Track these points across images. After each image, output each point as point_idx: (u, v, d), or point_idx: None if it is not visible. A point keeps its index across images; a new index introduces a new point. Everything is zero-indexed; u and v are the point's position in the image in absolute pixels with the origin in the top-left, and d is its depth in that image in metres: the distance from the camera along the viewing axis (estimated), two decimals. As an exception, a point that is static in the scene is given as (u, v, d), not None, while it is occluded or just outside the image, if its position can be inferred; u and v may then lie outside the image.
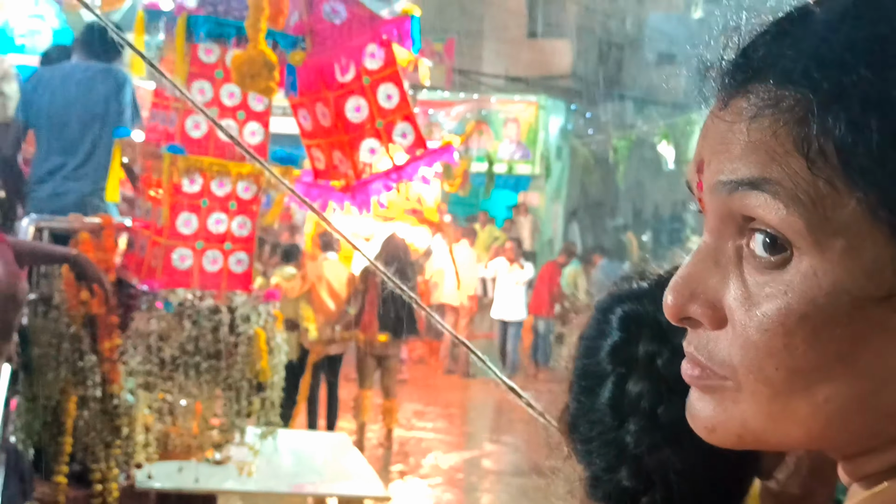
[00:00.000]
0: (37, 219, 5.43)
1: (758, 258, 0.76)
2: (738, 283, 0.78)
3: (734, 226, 0.78)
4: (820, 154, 0.72)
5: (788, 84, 0.74)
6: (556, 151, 23.67)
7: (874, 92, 0.71)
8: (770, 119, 0.74)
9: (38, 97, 5.93)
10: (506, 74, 26.20)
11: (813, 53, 0.73)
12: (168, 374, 5.20)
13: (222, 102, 5.20)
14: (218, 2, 5.17)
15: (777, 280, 0.75)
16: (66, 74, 5.98)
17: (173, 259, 5.17)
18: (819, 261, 0.73)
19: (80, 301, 5.18)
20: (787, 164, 0.73)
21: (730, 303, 0.78)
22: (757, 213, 0.75)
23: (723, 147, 0.77)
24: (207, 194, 5.18)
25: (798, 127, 0.73)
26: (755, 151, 0.74)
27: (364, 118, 5.14)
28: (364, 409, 10.57)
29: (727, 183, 0.77)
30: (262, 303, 5.44)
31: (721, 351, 0.79)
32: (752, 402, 0.77)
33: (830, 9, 0.76)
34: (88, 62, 6.01)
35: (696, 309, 0.80)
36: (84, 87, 5.92)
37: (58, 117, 5.89)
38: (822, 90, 0.72)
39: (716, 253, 0.80)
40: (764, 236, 0.75)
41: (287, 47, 5.01)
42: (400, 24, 5.02)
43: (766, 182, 0.74)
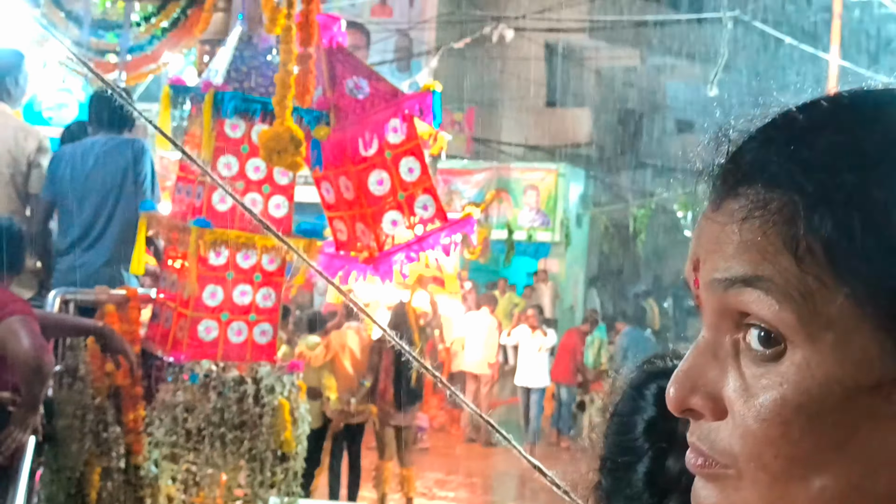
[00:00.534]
0: (63, 291, 5.49)
1: (754, 351, 0.79)
2: (737, 376, 0.81)
3: (731, 321, 0.81)
4: (808, 252, 0.76)
5: (776, 187, 0.78)
6: (575, 219, 23.73)
7: (856, 193, 0.75)
8: (760, 220, 0.78)
9: (61, 173, 6.00)
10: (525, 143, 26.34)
11: (798, 158, 0.78)
12: (193, 445, 5.22)
13: (248, 176, 5.27)
14: (244, 78, 5.26)
15: (773, 372, 0.78)
16: (87, 149, 6.05)
17: (199, 331, 5.22)
18: (811, 353, 0.76)
19: (105, 373, 5.22)
20: (778, 262, 0.77)
21: (729, 394, 0.81)
22: (751, 308, 0.78)
23: (717, 247, 0.81)
24: (233, 267, 5.24)
25: (787, 227, 0.77)
26: (747, 250, 0.79)
27: (386, 191, 5.20)
28: (385, 480, 10.53)
29: (722, 280, 0.80)
30: (287, 373, 5.47)
31: (722, 441, 0.81)
32: (752, 490, 0.80)
33: (812, 115, 0.81)
34: (108, 135, 6.08)
35: (697, 401, 0.83)
36: (102, 159, 5.99)
37: (78, 191, 5.95)
38: (807, 192, 0.76)
39: (714, 347, 0.83)
40: (759, 331, 0.79)
41: (312, 122, 5.08)
42: (422, 100, 5.10)
43: (759, 279, 0.77)
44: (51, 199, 6.03)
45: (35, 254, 5.51)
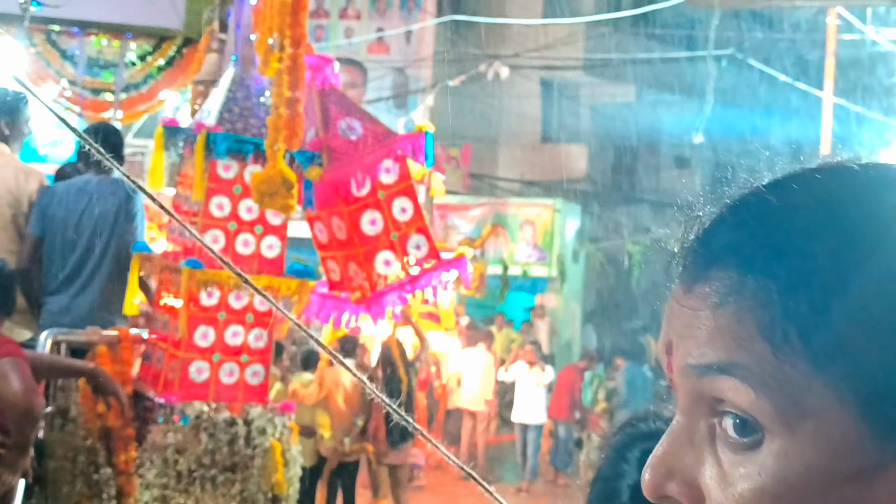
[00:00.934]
0: (55, 332, 5.47)
1: (731, 438, 0.77)
2: (713, 462, 0.79)
3: (706, 406, 0.79)
4: (784, 339, 0.74)
5: (749, 272, 0.76)
6: (572, 254, 23.75)
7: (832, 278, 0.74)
8: (734, 306, 0.76)
9: (52, 211, 5.99)
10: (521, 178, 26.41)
11: (771, 242, 0.76)
12: (184, 486, 5.20)
13: (240, 217, 5.27)
14: (237, 119, 5.28)
15: (751, 461, 0.76)
16: (79, 188, 6.04)
17: (190, 372, 5.21)
18: (790, 442, 0.74)
19: (96, 414, 5.21)
20: (753, 349, 0.75)
21: (706, 482, 0.79)
22: (727, 395, 0.76)
23: (689, 331, 0.79)
24: (225, 307, 5.24)
25: (762, 313, 0.75)
26: (721, 336, 0.76)
27: (379, 231, 5.20)
28: (380, 519, 10.49)
29: (696, 367, 0.78)
30: (278, 414, 5.46)
31: None
32: None
33: (784, 196, 0.79)
34: (98, 174, 6.08)
35: (673, 487, 0.81)
36: (92, 200, 5.97)
37: (69, 230, 5.94)
38: (782, 278, 0.75)
39: (689, 432, 0.81)
40: (735, 418, 0.77)
41: (304, 163, 5.09)
42: (414, 140, 5.10)
43: (734, 367, 0.75)
44: (39, 234, 6.00)
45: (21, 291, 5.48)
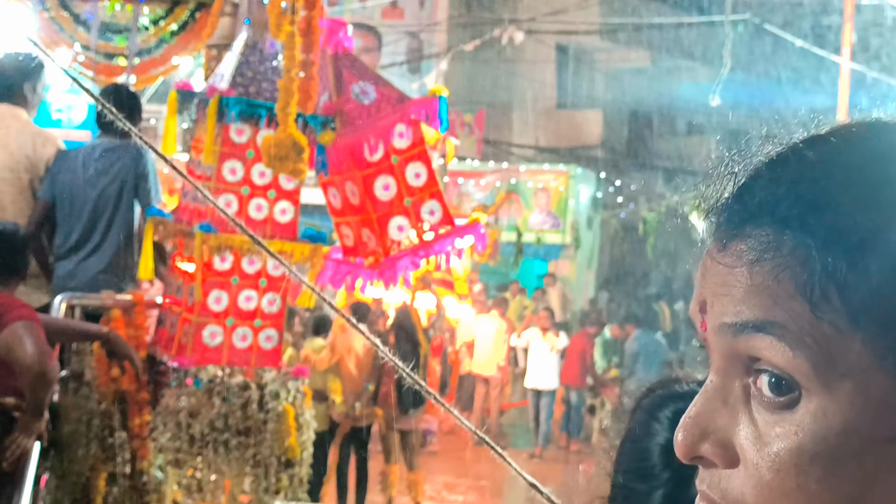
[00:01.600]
0: (69, 296, 5.48)
1: (766, 398, 0.76)
2: (748, 423, 0.78)
3: (741, 365, 0.78)
4: (822, 297, 0.73)
5: (786, 229, 0.75)
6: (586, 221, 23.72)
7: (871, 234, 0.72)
8: (771, 263, 0.75)
9: (62, 176, 5.99)
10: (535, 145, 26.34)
11: (809, 198, 0.75)
12: (198, 450, 5.21)
13: (253, 182, 5.26)
14: (249, 83, 5.25)
15: (787, 420, 0.75)
16: (88, 152, 6.03)
17: (204, 336, 5.21)
18: (828, 402, 0.73)
19: (110, 378, 5.22)
20: (791, 308, 0.73)
21: (741, 442, 0.78)
22: (763, 354, 0.75)
23: (725, 290, 0.78)
24: (238, 272, 5.23)
25: (799, 270, 0.74)
26: (758, 294, 0.75)
27: (392, 196, 5.18)
28: (391, 484, 10.53)
29: (732, 325, 0.77)
30: (292, 379, 5.46)
31: (734, 490, 0.78)
32: None
33: (822, 152, 0.77)
34: (110, 139, 6.07)
35: (707, 448, 0.80)
36: (102, 164, 5.96)
37: (78, 196, 5.94)
38: (819, 235, 0.73)
39: (724, 392, 0.80)
40: (771, 377, 0.76)
41: (317, 128, 5.07)
42: (428, 105, 5.07)
43: (771, 325, 0.74)
44: (49, 199, 6.00)
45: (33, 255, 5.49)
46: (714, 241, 0.82)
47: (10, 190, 6.01)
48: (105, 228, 5.95)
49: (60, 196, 5.97)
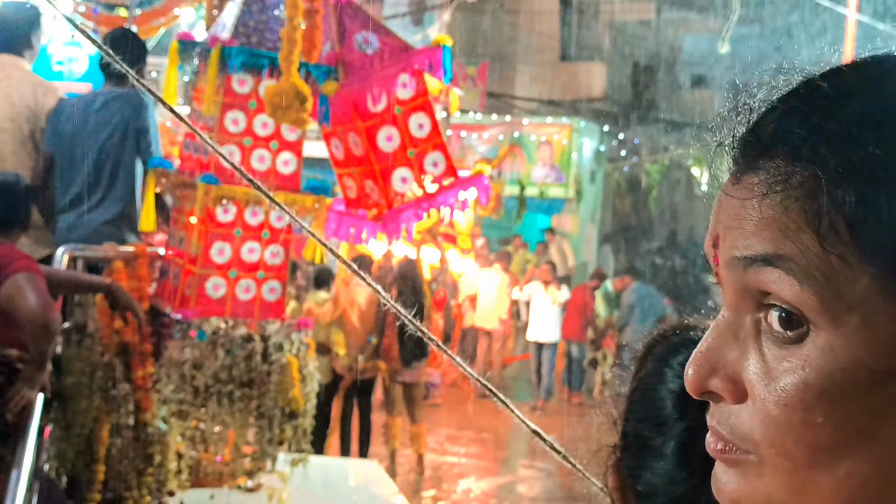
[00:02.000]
0: (71, 248, 5.46)
1: (775, 333, 0.76)
2: (757, 358, 0.77)
3: (751, 300, 0.78)
4: (831, 230, 0.72)
5: (798, 161, 0.74)
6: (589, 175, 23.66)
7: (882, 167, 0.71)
8: (781, 195, 0.74)
9: (62, 127, 5.94)
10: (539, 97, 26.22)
11: (821, 130, 0.74)
12: (201, 402, 5.22)
13: (255, 132, 5.22)
14: (251, 33, 5.20)
15: (795, 354, 0.74)
16: (88, 102, 5.99)
17: (207, 288, 5.20)
18: (835, 336, 0.72)
19: (113, 330, 5.21)
20: (800, 240, 0.73)
21: (749, 377, 0.77)
22: (772, 288, 0.75)
23: (736, 223, 0.78)
24: (241, 223, 5.21)
25: (809, 202, 0.73)
26: (768, 227, 0.75)
27: (396, 147, 5.15)
28: (394, 436, 10.58)
29: (741, 259, 0.77)
30: (295, 331, 5.46)
31: (742, 425, 0.78)
32: (774, 477, 0.77)
33: (836, 84, 0.76)
34: (110, 88, 6.03)
35: (716, 383, 0.80)
36: (102, 115, 5.92)
37: (78, 146, 5.90)
38: (830, 167, 0.72)
39: (735, 327, 0.80)
40: (780, 311, 0.75)
41: (319, 78, 5.03)
42: (432, 54, 5.03)
43: (780, 258, 0.74)
44: (51, 150, 5.97)
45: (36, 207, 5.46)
46: (729, 176, 0.81)
47: (11, 141, 5.98)
48: (106, 180, 5.91)
49: (61, 148, 5.93)
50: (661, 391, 1.29)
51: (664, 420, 1.27)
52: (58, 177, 5.99)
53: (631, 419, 1.34)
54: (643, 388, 1.33)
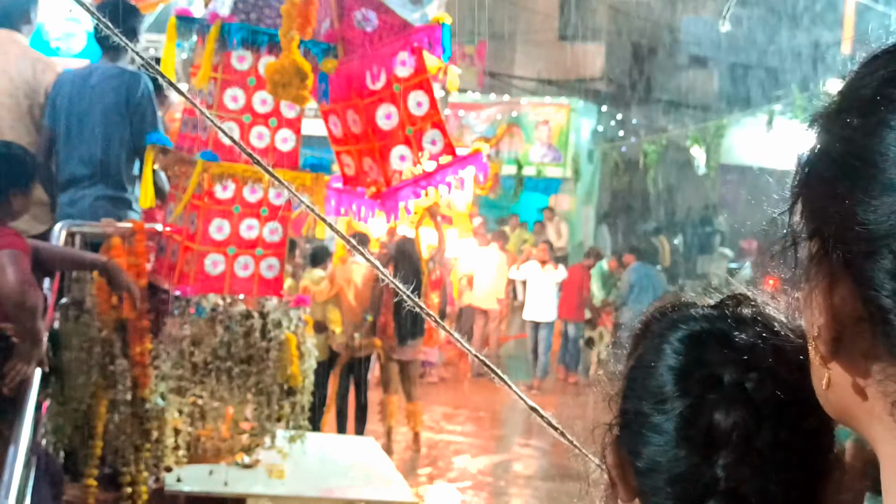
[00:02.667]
0: (69, 224, 5.46)
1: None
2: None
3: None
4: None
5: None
6: (586, 154, 23.63)
7: None
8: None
9: (59, 102, 5.94)
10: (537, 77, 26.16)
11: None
12: (200, 378, 5.24)
13: (255, 109, 5.22)
14: (250, 10, 5.20)
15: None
16: (84, 78, 5.97)
17: (206, 264, 5.20)
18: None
19: (111, 306, 5.22)
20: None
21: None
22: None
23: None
24: (240, 200, 5.21)
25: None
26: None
27: (394, 125, 5.15)
28: (390, 414, 10.62)
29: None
30: (293, 308, 5.47)
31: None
32: None
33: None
34: (107, 63, 6.01)
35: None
36: (98, 89, 5.90)
37: (75, 122, 5.89)
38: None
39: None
40: None
41: (319, 55, 5.03)
42: (431, 32, 5.02)
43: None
44: (51, 125, 5.97)
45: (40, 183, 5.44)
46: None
47: (9, 115, 5.97)
48: (104, 156, 5.89)
49: (58, 123, 5.92)
50: (660, 368, 1.28)
51: (664, 397, 1.26)
52: (57, 152, 5.98)
53: (630, 396, 1.33)
54: (642, 366, 1.32)
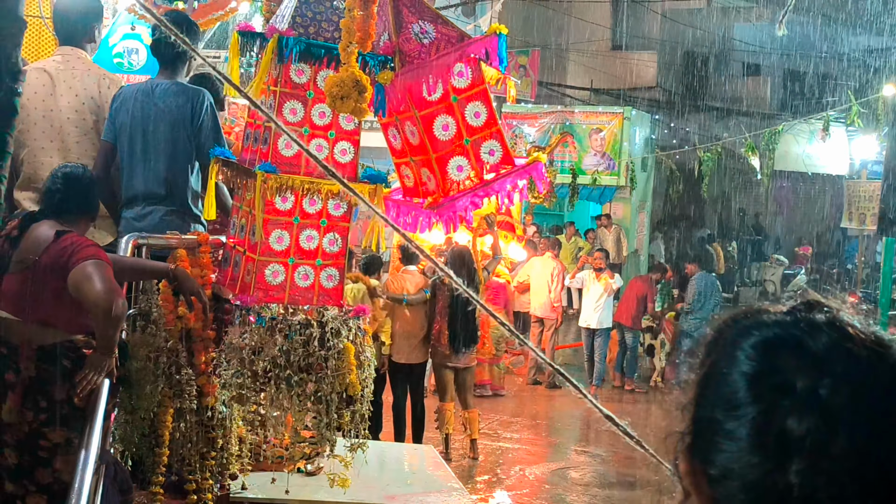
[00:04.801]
0: (135, 236, 5.57)
1: None
2: None
3: None
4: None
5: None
6: (640, 162, 23.56)
7: None
8: None
9: (121, 118, 6.02)
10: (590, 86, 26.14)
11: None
12: (260, 386, 5.31)
13: (314, 122, 5.29)
14: (308, 23, 5.27)
15: None
16: (145, 94, 6.05)
17: (266, 275, 5.28)
18: None
19: (177, 316, 5.32)
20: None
21: None
22: None
23: None
24: (299, 212, 5.28)
25: None
26: None
27: (452, 136, 5.20)
28: (447, 421, 10.66)
29: None
30: (352, 317, 5.52)
31: None
32: None
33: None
34: (166, 80, 6.09)
35: None
36: (161, 107, 5.99)
37: (139, 138, 5.97)
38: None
39: None
40: None
41: (376, 67, 5.09)
42: (488, 43, 5.06)
43: None
44: (111, 141, 6.06)
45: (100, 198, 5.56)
46: None
47: (76, 131, 6.09)
48: (170, 172, 5.98)
49: (120, 138, 6.02)
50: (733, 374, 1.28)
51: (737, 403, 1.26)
52: (119, 168, 6.08)
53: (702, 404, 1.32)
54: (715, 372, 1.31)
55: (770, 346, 1.26)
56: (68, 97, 6.08)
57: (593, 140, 22.73)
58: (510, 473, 10.88)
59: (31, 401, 4.59)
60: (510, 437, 12.41)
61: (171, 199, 5.98)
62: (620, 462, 11.43)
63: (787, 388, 1.21)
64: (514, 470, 11.02)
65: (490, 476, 10.75)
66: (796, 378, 1.21)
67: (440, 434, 10.76)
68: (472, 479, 10.27)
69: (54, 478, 4.59)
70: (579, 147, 22.52)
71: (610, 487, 10.55)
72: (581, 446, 12.38)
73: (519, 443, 12.27)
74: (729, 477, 1.25)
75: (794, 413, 1.20)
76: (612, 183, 22.86)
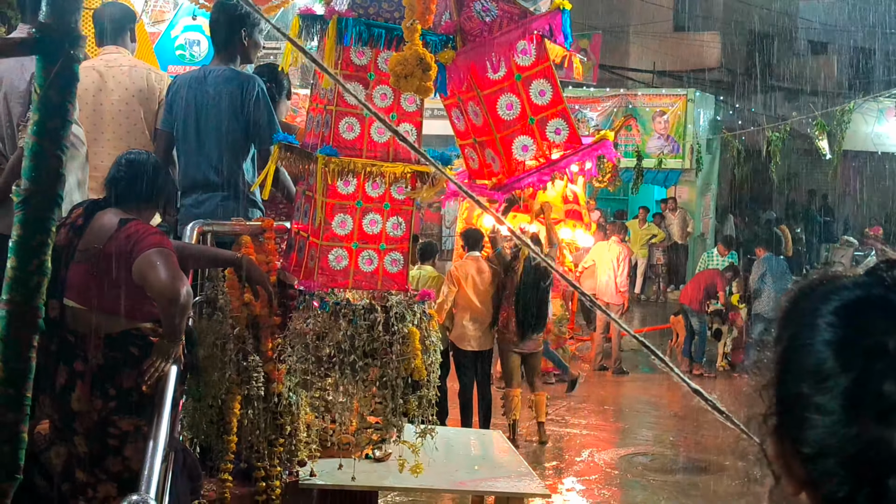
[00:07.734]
0: (200, 223, 5.55)
1: None
2: None
3: None
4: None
5: None
6: (706, 145, 23.32)
7: None
8: None
9: (176, 107, 6.04)
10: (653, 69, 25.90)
11: None
12: (324, 372, 5.27)
13: (375, 104, 5.23)
14: (368, 4, 5.21)
15: None
16: (199, 81, 6.06)
17: (330, 259, 5.24)
18: None
19: (243, 303, 5.30)
20: None
21: None
22: None
23: None
24: (362, 195, 5.24)
25: None
26: None
27: (516, 115, 5.11)
28: (514, 407, 10.62)
29: None
30: (417, 302, 5.47)
31: None
32: None
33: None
34: (220, 67, 6.09)
35: None
36: (214, 94, 5.99)
37: (192, 126, 5.99)
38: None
39: None
40: None
41: (437, 46, 5.01)
42: (552, 19, 4.96)
43: None
44: (168, 129, 6.08)
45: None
46: None
47: (126, 122, 6.16)
48: (225, 159, 5.97)
49: (176, 127, 6.03)
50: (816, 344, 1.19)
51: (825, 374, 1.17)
52: (177, 156, 6.10)
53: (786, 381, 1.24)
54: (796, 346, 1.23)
55: (854, 309, 1.19)
56: (118, 91, 6.16)
57: (657, 123, 22.55)
58: (578, 459, 10.80)
59: (99, 389, 4.59)
60: (578, 423, 12.33)
61: (226, 185, 5.96)
62: (690, 447, 11.30)
63: (879, 351, 1.14)
64: (583, 455, 10.94)
65: (558, 462, 10.68)
66: (888, 338, 1.13)
67: (507, 421, 10.70)
68: (540, 465, 10.21)
69: (124, 465, 4.58)
70: (643, 130, 22.34)
71: (679, 473, 10.44)
72: (649, 431, 12.26)
73: (587, 428, 12.18)
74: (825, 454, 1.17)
75: (890, 375, 1.12)
76: (676, 166, 22.67)
